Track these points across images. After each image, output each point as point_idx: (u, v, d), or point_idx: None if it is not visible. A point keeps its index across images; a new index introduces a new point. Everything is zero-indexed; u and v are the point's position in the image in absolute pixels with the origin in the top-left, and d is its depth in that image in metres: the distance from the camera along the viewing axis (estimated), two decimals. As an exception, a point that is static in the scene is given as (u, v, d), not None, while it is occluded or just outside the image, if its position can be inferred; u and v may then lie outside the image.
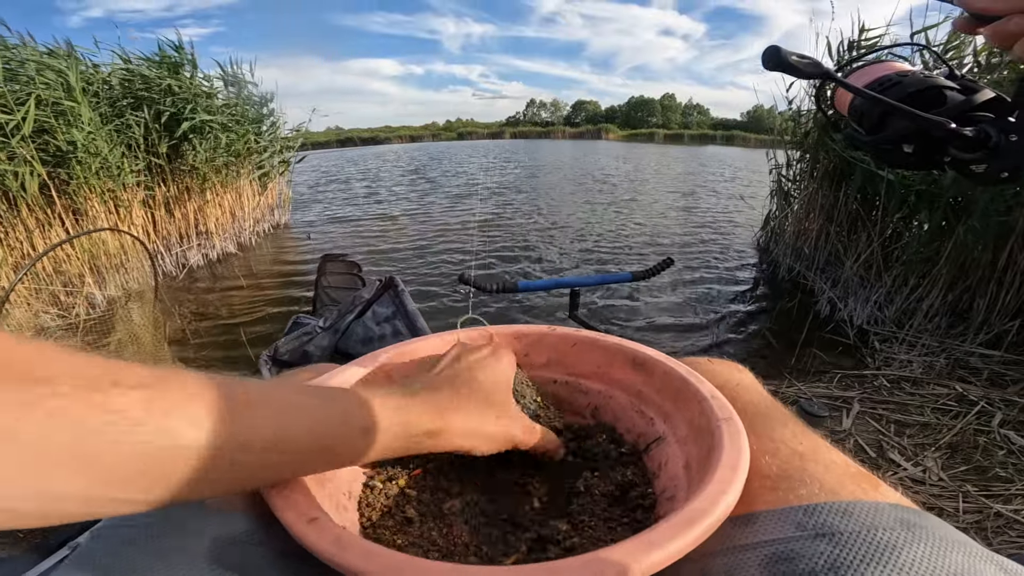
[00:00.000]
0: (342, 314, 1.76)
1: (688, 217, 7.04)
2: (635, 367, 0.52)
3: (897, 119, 0.46)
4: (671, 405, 0.47)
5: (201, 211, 5.07)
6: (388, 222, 6.79)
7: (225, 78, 5.54)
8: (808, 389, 2.17)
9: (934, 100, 0.44)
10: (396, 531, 0.39)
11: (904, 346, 2.59)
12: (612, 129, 77.41)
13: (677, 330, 3.26)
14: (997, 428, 1.83)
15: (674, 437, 0.45)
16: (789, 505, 0.33)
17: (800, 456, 0.37)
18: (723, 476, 0.34)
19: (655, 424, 0.48)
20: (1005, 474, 1.60)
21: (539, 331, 0.58)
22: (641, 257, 5.00)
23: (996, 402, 1.98)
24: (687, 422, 0.44)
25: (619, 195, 9.04)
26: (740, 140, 47.51)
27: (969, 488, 1.53)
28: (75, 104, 3.69)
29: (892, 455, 1.71)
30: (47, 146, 3.62)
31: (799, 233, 3.96)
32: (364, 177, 13.75)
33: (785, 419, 0.43)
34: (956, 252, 2.68)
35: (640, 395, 0.51)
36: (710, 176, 13.24)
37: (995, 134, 0.41)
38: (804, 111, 3.97)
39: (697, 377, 0.46)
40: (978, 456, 1.70)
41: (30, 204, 3.51)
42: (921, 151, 0.45)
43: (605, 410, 0.54)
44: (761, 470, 0.37)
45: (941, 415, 1.95)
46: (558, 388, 0.56)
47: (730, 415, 0.40)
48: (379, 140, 68.05)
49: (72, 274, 3.54)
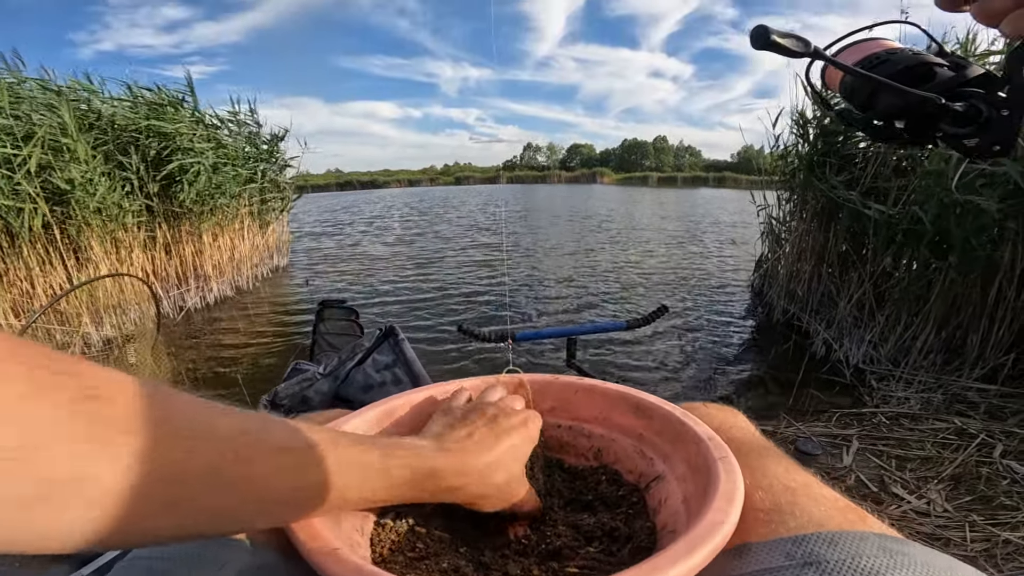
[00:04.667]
0: (342, 361, 1.79)
1: (683, 261, 7.12)
2: (636, 413, 0.55)
3: (887, 96, 0.46)
4: (670, 446, 0.50)
5: (199, 253, 5.08)
6: (388, 267, 6.83)
7: (224, 117, 5.61)
8: (807, 428, 2.17)
9: (924, 76, 0.44)
10: (406, 567, 0.41)
11: (901, 383, 2.59)
12: (607, 173, 79.09)
13: (674, 375, 3.26)
14: (999, 459, 1.83)
15: (673, 475, 0.48)
16: (779, 536, 0.35)
17: (792, 491, 0.39)
18: (720, 507, 0.36)
19: (655, 464, 0.51)
20: (1010, 502, 1.60)
21: (544, 379, 0.60)
22: (639, 300, 5.05)
23: (996, 434, 1.99)
24: (685, 461, 0.46)
25: (615, 240, 9.16)
26: (731, 182, 48.49)
27: (975, 517, 1.52)
28: (71, 141, 3.71)
29: (895, 489, 1.70)
30: (47, 184, 3.64)
31: (792, 275, 4.00)
32: (364, 221, 13.93)
33: (778, 457, 0.45)
34: (945, 290, 2.72)
35: (641, 438, 0.54)
36: (704, 219, 13.48)
37: (986, 109, 0.41)
38: (790, 147, 4.06)
39: (694, 420, 0.48)
40: (982, 486, 1.69)
41: (32, 242, 3.52)
42: (912, 127, 0.46)
43: (607, 452, 0.56)
44: (755, 504, 0.38)
45: (942, 449, 1.95)
46: (562, 432, 0.59)
47: (725, 454, 0.42)
48: (378, 184, 69.19)
49: (69, 313, 3.54)
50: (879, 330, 3.04)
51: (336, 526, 0.38)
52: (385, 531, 0.44)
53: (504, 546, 0.45)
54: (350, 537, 0.40)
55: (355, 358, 1.77)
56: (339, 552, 0.33)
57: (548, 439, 0.57)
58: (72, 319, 3.53)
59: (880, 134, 0.48)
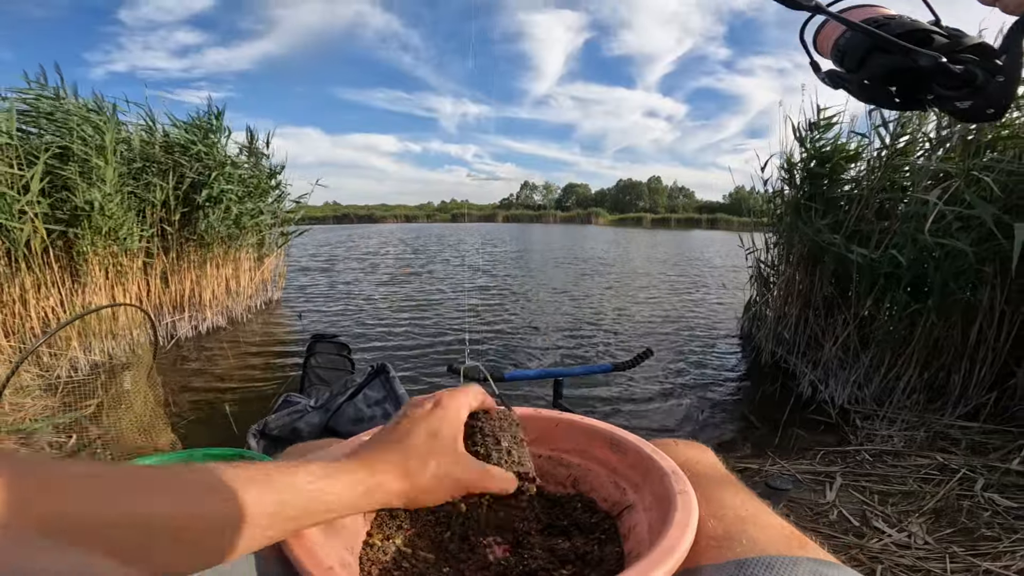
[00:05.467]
0: (334, 395, 1.83)
1: (675, 304, 7.18)
2: (611, 447, 0.59)
3: (880, 57, 0.46)
4: (640, 479, 0.54)
5: (198, 282, 5.10)
6: (381, 305, 6.85)
7: (245, 147, 5.70)
8: (791, 466, 2.19)
9: (921, 42, 0.45)
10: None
11: (885, 422, 2.62)
12: (602, 214, 79.98)
13: (662, 416, 3.27)
14: (980, 492, 1.85)
15: (642, 505, 0.52)
16: (727, 560, 0.40)
17: (742, 520, 0.44)
18: (675, 534, 0.40)
19: (627, 494, 0.55)
20: (992, 533, 1.62)
21: (528, 413, 0.65)
22: (628, 341, 5.09)
23: (978, 468, 2.01)
24: (652, 493, 0.51)
25: (608, 285, 9.24)
26: (724, 223, 49.23)
27: (956, 549, 1.53)
28: (102, 164, 3.75)
29: (876, 523, 1.71)
30: (63, 204, 3.66)
31: (779, 318, 4.06)
32: (358, 256, 14.00)
33: (736, 489, 0.50)
34: (927, 332, 2.78)
35: (615, 470, 0.58)
36: (696, 262, 13.65)
37: (982, 74, 0.42)
38: (777, 192, 4.17)
39: (662, 455, 0.53)
40: (963, 518, 1.71)
41: (29, 263, 3.52)
42: (904, 89, 0.47)
43: (583, 481, 0.60)
44: (708, 531, 0.43)
45: (924, 483, 1.97)
46: (542, 462, 0.63)
47: (685, 487, 0.47)
48: (375, 218, 69.67)
49: (59, 336, 3.52)
50: (863, 371, 3.09)
51: (329, 545, 0.42)
52: (373, 551, 0.47)
53: (484, 567, 0.48)
54: (340, 556, 0.43)
55: (346, 392, 1.81)
56: (333, 571, 0.37)
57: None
58: (61, 341, 3.52)
59: (870, 94, 0.49)
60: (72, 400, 2.65)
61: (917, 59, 0.43)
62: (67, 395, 2.71)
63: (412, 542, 0.50)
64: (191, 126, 4.93)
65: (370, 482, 0.39)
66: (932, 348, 2.80)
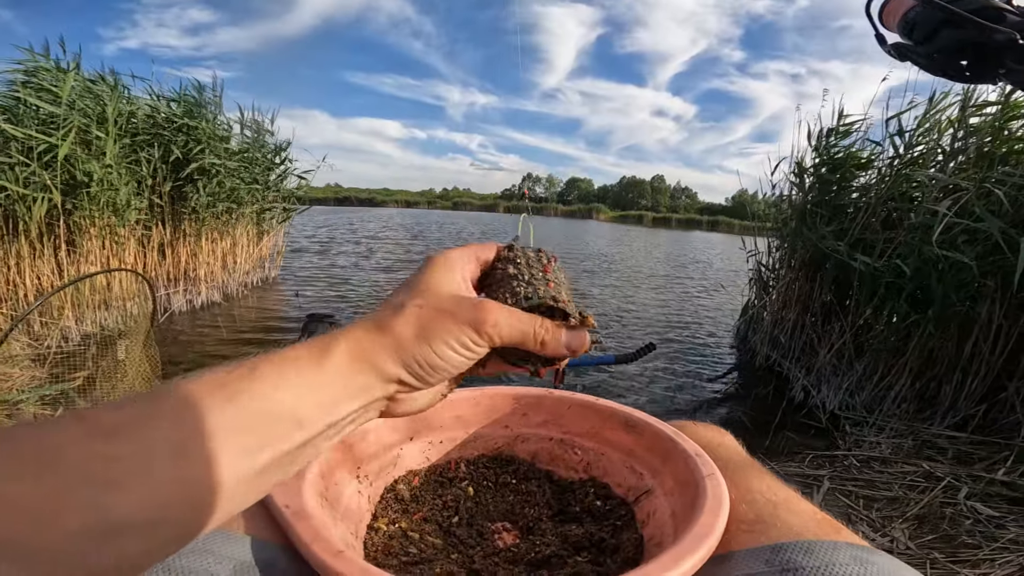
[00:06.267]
0: None
1: (673, 304, 7.19)
2: (627, 428, 0.57)
3: (951, 31, 0.48)
4: (659, 462, 0.52)
5: (193, 256, 5.07)
6: (379, 284, 6.83)
7: (243, 123, 5.66)
8: (780, 468, 2.19)
9: (994, 19, 0.46)
10: (400, 570, 0.42)
11: (874, 429, 2.63)
12: (603, 210, 80.00)
13: (655, 412, 3.26)
14: (964, 500, 1.86)
15: (662, 490, 0.49)
16: (760, 545, 0.38)
17: (773, 504, 0.42)
18: (707, 521, 0.38)
19: (644, 478, 0.52)
20: (972, 541, 1.63)
21: (537, 393, 0.62)
22: (628, 338, 5.10)
23: (963, 477, 2.03)
24: (674, 476, 0.48)
25: (609, 282, 9.24)
26: (725, 226, 49.27)
27: (936, 555, 1.55)
28: (104, 136, 3.74)
29: (860, 527, 1.73)
30: (63, 174, 3.65)
31: (776, 322, 4.05)
32: (359, 237, 13.96)
33: (761, 474, 0.48)
34: (923, 343, 2.78)
35: (631, 453, 0.55)
36: (696, 263, 13.66)
37: None
38: (784, 196, 4.15)
39: (683, 438, 0.51)
40: (945, 526, 1.73)
41: (29, 231, 3.50)
42: (976, 63, 0.48)
43: (596, 465, 0.58)
44: (739, 516, 0.41)
45: (909, 490, 1.98)
46: (553, 445, 0.60)
47: (713, 471, 0.45)
48: (376, 202, 69.50)
49: (52, 304, 3.50)
50: (856, 379, 3.09)
51: (333, 528, 0.39)
52: (379, 535, 0.45)
53: (494, 553, 0.46)
54: (345, 539, 0.41)
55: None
56: (344, 554, 0.34)
57: (539, 451, 0.59)
58: (53, 311, 3.50)
59: (940, 67, 0.50)
60: (61, 371, 2.63)
61: (992, 35, 0.45)
62: (56, 366, 2.69)
63: (419, 527, 0.48)
64: (175, 100, 4.90)
65: (341, 350, 0.30)
66: (926, 359, 2.81)
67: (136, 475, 0.22)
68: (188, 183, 4.81)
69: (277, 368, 0.28)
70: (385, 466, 0.52)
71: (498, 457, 0.59)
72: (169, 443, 0.23)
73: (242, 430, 0.25)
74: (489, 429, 0.60)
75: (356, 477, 0.49)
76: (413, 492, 0.52)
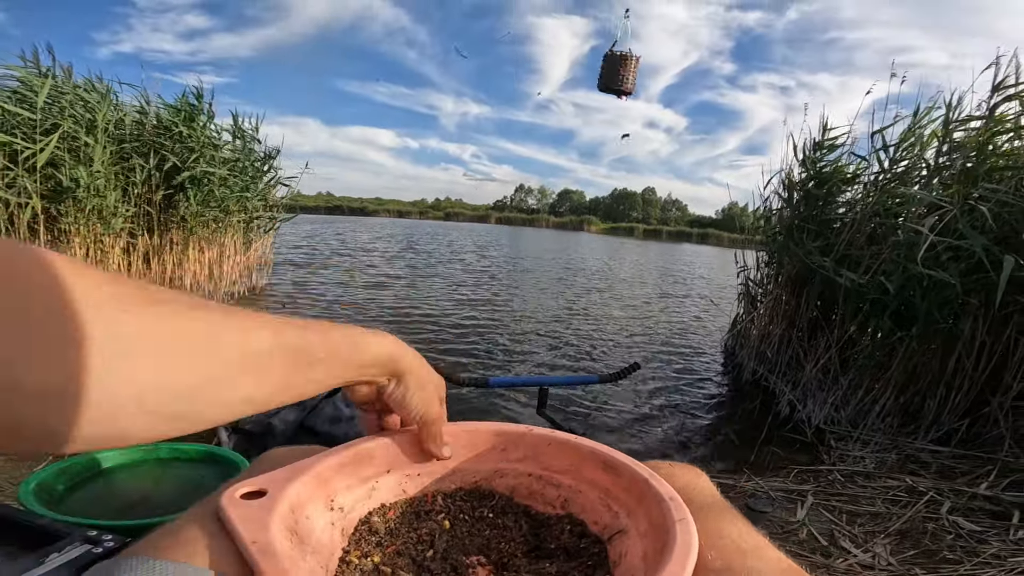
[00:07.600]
0: None
1: (662, 318, 7.23)
2: (605, 469, 0.56)
3: None
4: (635, 503, 0.51)
5: (180, 265, 5.02)
6: (367, 297, 6.78)
7: (234, 131, 5.62)
8: (765, 483, 2.20)
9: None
10: None
11: (858, 444, 2.65)
12: (594, 222, 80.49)
13: (642, 429, 3.27)
14: (946, 515, 1.87)
15: (636, 531, 0.49)
16: None
17: (742, 552, 0.43)
18: (674, 570, 0.38)
19: (620, 518, 0.52)
20: (953, 556, 1.64)
21: (518, 430, 0.62)
22: (615, 354, 5.10)
23: (945, 492, 2.04)
24: (647, 519, 0.48)
25: (597, 295, 9.28)
26: (714, 239, 49.74)
27: (917, 571, 1.56)
28: (92, 143, 3.72)
29: (843, 543, 1.73)
30: (48, 180, 3.62)
31: (763, 337, 4.08)
32: (347, 249, 13.92)
33: (734, 519, 0.48)
34: (907, 358, 2.81)
35: (608, 492, 0.55)
36: (685, 277, 13.76)
37: None
38: (774, 211, 4.20)
39: (659, 480, 0.50)
40: (927, 541, 1.74)
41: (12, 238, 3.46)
42: None
43: (574, 502, 0.57)
44: (707, 564, 0.41)
45: (892, 505, 2.00)
46: (532, 481, 0.60)
47: (684, 516, 0.44)
48: (367, 212, 69.43)
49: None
50: (841, 393, 3.12)
51: (302, 562, 0.39)
52: (350, 569, 0.44)
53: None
54: (314, 574, 0.41)
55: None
56: None
57: (518, 486, 0.59)
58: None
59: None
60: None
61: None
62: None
63: (392, 560, 0.46)
64: (173, 108, 4.88)
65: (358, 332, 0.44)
66: (910, 374, 2.84)
67: None
68: (179, 191, 4.77)
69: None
70: (360, 498, 0.52)
71: (476, 491, 0.59)
72: None
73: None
74: (468, 464, 0.60)
75: (330, 509, 0.48)
76: (388, 525, 0.51)
